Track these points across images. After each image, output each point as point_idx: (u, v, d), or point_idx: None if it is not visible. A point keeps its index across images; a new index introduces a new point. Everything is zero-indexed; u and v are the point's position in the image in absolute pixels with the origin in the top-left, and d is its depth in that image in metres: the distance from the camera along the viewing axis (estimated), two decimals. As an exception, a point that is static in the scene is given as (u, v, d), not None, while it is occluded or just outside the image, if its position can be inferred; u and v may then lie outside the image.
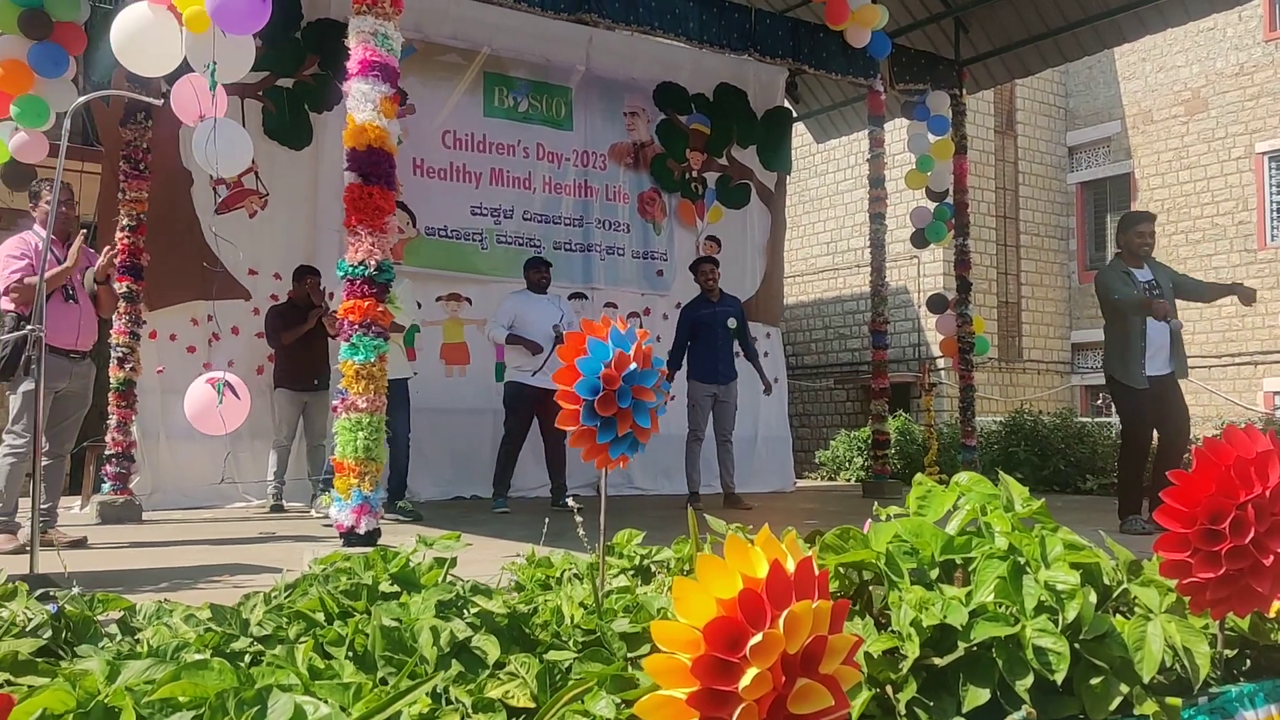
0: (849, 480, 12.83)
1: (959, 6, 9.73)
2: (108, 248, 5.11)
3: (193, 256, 7.38)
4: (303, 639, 2.03)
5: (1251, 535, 1.80)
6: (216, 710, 1.32)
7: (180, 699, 1.38)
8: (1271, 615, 2.06)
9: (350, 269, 3.90)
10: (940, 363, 13.54)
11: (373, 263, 3.86)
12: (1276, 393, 14.01)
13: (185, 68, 4.60)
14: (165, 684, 1.40)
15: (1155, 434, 6.12)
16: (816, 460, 13.82)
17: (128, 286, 6.72)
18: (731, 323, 7.78)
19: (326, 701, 1.45)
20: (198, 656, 1.65)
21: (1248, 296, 5.91)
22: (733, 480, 7.86)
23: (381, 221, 3.86)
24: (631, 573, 2.84)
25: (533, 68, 9.22)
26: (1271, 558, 1.80)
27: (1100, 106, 16.29)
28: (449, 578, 2.49)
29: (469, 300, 8.74)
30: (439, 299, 8.60)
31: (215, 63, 4.22)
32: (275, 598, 2.37)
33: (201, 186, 7.52)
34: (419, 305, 7.51)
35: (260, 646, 2.02)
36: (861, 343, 14.28)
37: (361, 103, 3.95)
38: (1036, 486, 9.89)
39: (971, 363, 10.07)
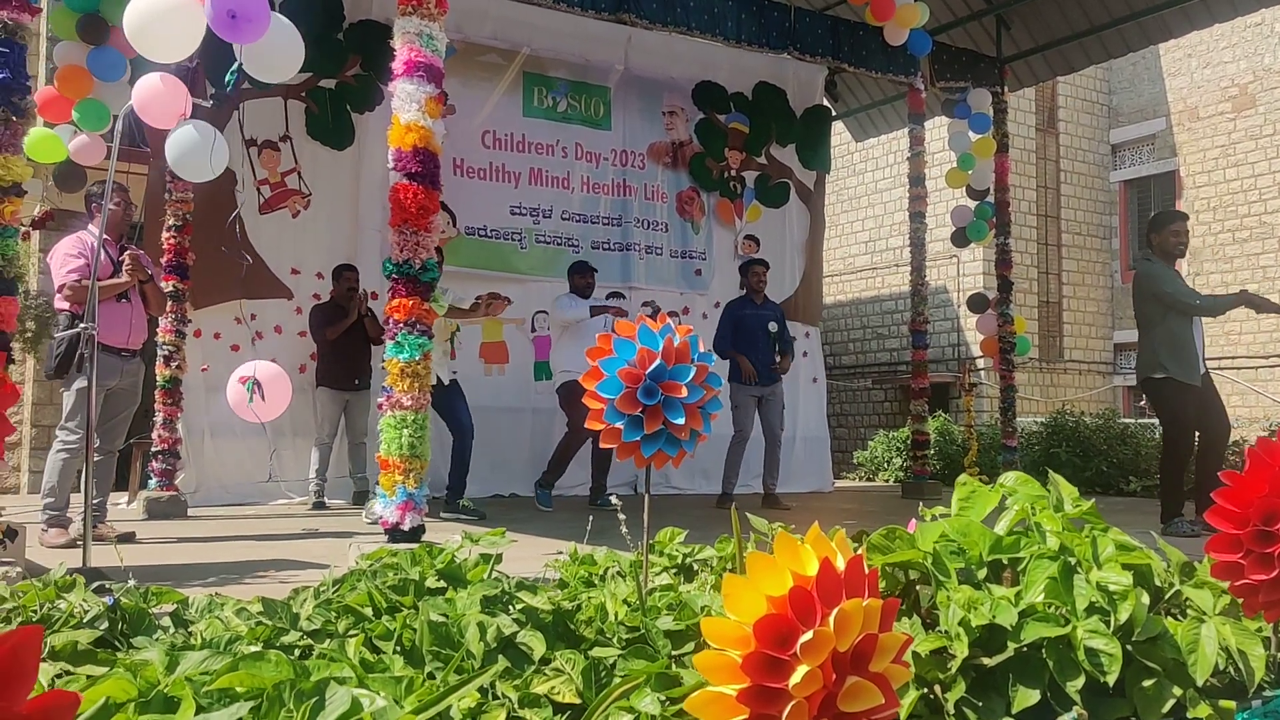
0: (887, 481, 12.74)
1: (1001, 3, 9.63)
2: (126, 257, 5.18)
3: (236, 256, 7.49)
4: (352, 633, 2.06)
5: (1308, 537, 1.77)
6: (274, 701, 1.34)
7: (238, 689, 1.41)
8: (1328, 619, 2.03)
9: (395, 268, 3.94)
10: (980, 363, 13.42)
11: (418, 262, 3.90)
12: (1326, 394, 13.73)
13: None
14: (223, 675, 1.43)
15: (1196, 435, 6.03)
16: (854, 461, 13.75)
17: (174, 285, 6.83)
18: (773, 327, 7.79)
19: (380, 694, 1.47)
20: (252, 649, 1.68)
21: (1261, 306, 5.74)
22: (775, 481, 7.85)
23: (427, 221, 3.89)
24: (674, 571, 2.85)
25: (572, 67, 9.25)
26: (1328, 560, 1.77)
27: (1144, 104, 16.05)
28: (494, 574, 2.51)
29: (508, 300, 8.77)
30: (478, 298, 8.63)
31: (240, 63, 4.25)
32: (324, 592, 2.40)
33: (245, 187, 7.63)
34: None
35: (310, 640, 2.05)
36: (900, 343, 14.19)
37: (407, 103, 3.98)
38: (1079, 488, 9.73)
39: (1012, 363, 9.97)
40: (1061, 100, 15.85)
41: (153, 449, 6.85)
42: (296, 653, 1.96)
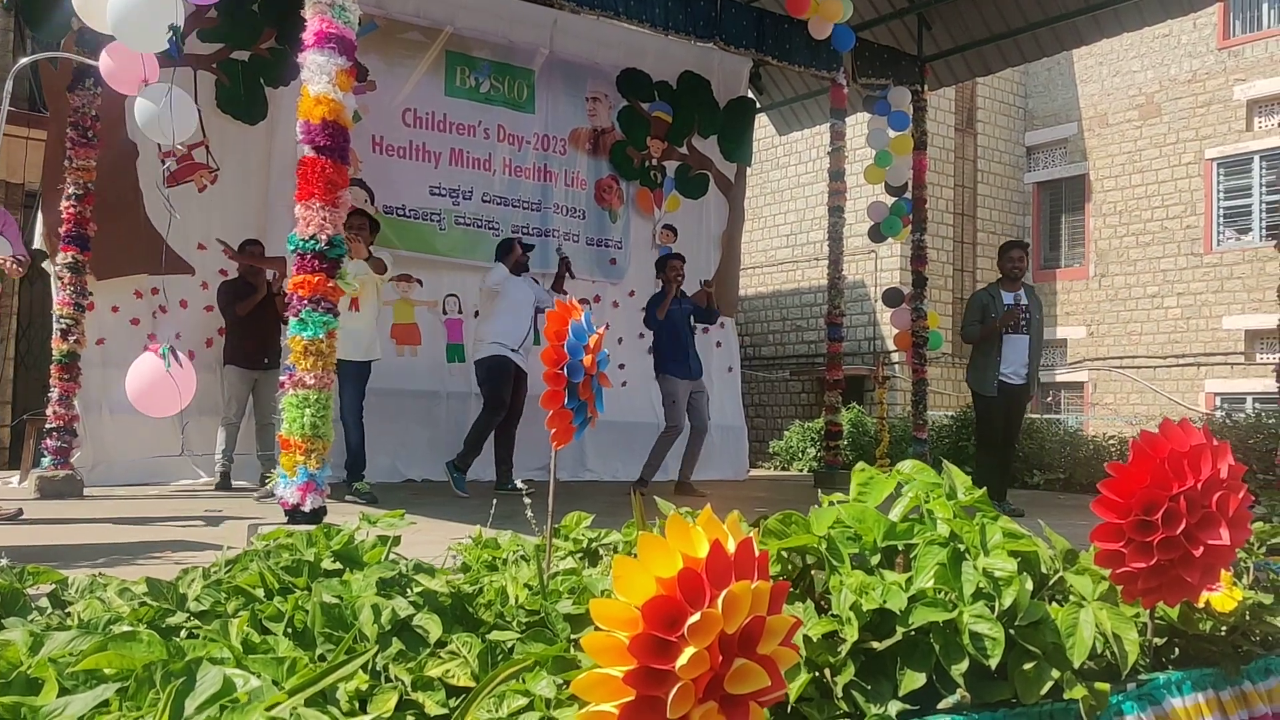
0: (802, 470, 12.91)
1: (922, 3, 9.78)
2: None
3: (137, 229, 7.26)
4: (241, 614, 2.01)
5: (1183, 526, 1.84)
6: (143, 682, 1.29)
7: (106, 671, 1.36)
8: (1200, 605, 2.11)
9: (301, 243, 3.83)
10: (895, 356, 13.67)
11: (324, 237, 3.80)
12: (1218, 394, 14.32)
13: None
14: (90, 655, 1.37)
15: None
16: (770, 450, 13.91)
17: (73, 257, 6.58)
18: (692, 319, 7.94)
19: (259, 675, 1.43)
20: (127, 629, 1.62)
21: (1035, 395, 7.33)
22: (692, 470, 7.89)
23: (334, 196, 3.80)
24: (579, 555, 2.84)
25: (495, 48, 9.12)
26: (1201, 549, 1.84)
27: (1058, 108, 16.50)
28: (393, 557, 2.47)
29: (420, 282, 8.65)
30: (390, 279, 8.49)
31: (178, 26, 4.14)
32: (215, 573, 2.34)
33: (147, 158, 7.35)
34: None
35: (197, 622, 1.99)
36: (818, 335, 14.38)
37: (316, 75, 3.88)
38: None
39: (924, 357, 10.17)
40: (980, 102, 16.20)
41: (46, 426, 6.59)
42: (183, 634, 1.90)
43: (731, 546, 1.47)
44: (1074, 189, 16.35)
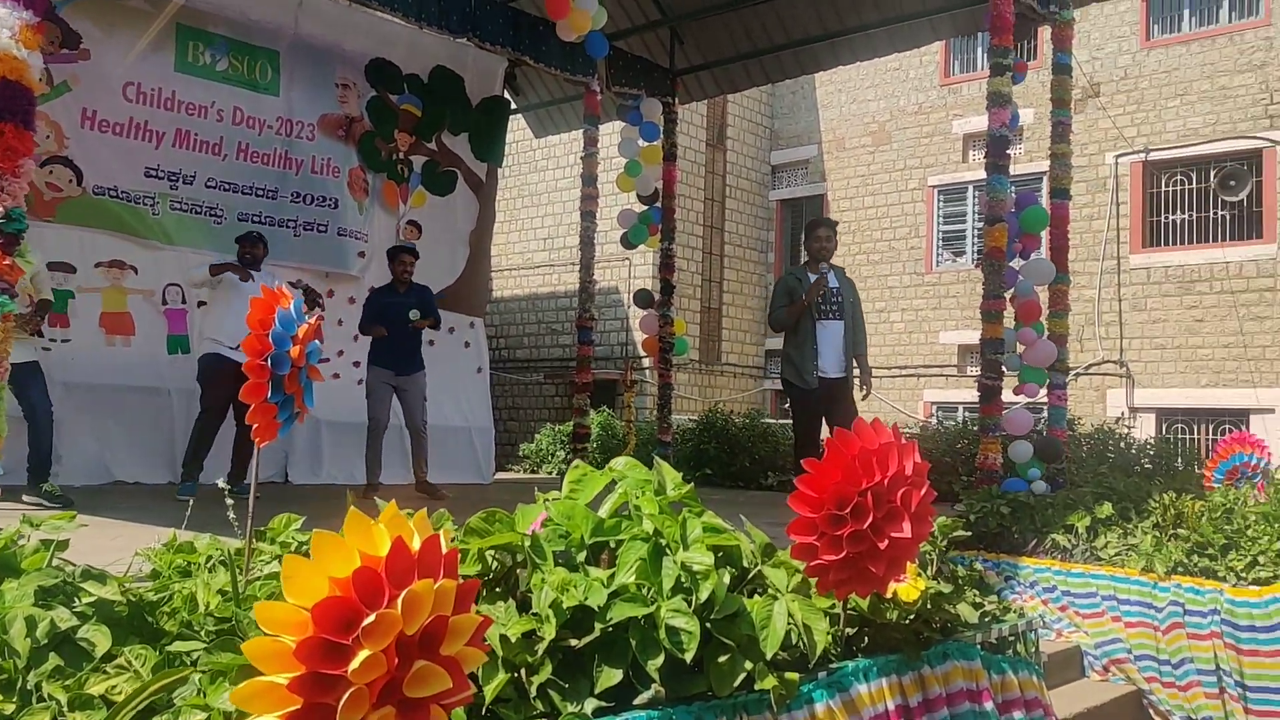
0: (550, 473, 12.95)
1: (675, 17, 10.05)
2: None
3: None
4: None
5: (870, 520, 1.93)
6: None
7: None
8: (889, 596, 2.23)
9: (-27, 216, 3.42)
10: (645, 361, 13.98)
11: (1, 209, 3.40)
12: (934, 402, 15.59)
13: None
14: None
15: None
16: (521, 453, 13.87)
17: None
18: (414, 314, 7.49)
19: None
20: None
21: (867, 386, 6.64)
22: (426, 469, 7.69)
23: (14, 164, 3.40)
24: (287, 559, 2.67)
25: (234, 25, 8.54)
26: (886, 541, 1.94)
27: (801, 130, 17.47)
28: (58, 563, 2.21)
29: (134, 269, 7.90)
30: (99, 265, 7.73)
31: None
32: None
33: None
34: (75, 270, 6.81)
35: None
36: (573, 339, 14.49)
37: (-3, 29, 3.47)
38: (724, 482, 10.43)
39: (670, 362, 10.43)
40: (730, 119, 16.88)
41: None
42: None
43: (416, 544, 1.40)
44: (814, 208, 17.34)
